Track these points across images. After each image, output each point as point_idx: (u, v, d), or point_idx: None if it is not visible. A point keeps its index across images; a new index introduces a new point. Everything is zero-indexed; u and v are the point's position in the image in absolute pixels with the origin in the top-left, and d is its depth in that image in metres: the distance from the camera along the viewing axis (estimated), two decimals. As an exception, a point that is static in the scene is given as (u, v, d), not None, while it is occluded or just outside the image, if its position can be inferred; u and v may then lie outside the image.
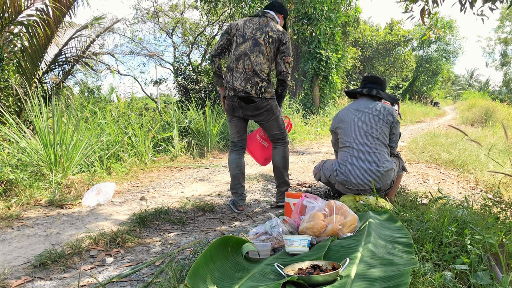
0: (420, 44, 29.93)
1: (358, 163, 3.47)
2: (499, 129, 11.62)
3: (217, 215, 3.79)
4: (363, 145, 3.49)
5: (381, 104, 3.64)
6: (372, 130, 3.51)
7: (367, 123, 3.52)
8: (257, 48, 3.59)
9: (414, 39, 22.41)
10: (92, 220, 3.52)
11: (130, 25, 15.11)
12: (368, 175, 3.43)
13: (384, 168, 3.43)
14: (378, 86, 3.72)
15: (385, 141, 3.54)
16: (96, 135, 5.64)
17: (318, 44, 13.55)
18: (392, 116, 3.57)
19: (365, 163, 3.45)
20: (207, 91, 12.65)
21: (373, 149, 3.47)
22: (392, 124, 3.58)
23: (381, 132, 3.52)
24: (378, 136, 3.49)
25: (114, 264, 2.57)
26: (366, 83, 3.78)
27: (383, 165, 3.44)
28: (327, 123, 12.84)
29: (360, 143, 3.50)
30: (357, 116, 3.58)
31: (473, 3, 4.60)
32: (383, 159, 3.46)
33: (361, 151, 3.48)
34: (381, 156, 3.47)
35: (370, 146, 3.47)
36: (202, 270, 1.93)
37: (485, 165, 6.33)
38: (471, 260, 1.99)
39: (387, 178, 3.50)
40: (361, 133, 3.52)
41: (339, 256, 2.13)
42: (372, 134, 3.49)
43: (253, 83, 3.57)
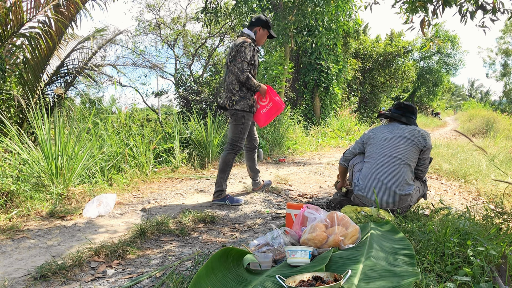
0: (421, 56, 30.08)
1: (377, 182, 3.53)
2: (500, 139, 11.61)
3: (218, 226, 3.77)
4: (387, 164, 3.54)
5: (416, 128, 3.69)
6: (399, 151, 3.55)
7: (396, 144, 3.58)
8: (227, 70, 4.47)
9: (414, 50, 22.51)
10: (93, 232, 3.51)
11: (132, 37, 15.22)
12: (385, 195, 3.47)
13: (401, 191, 3.48)
14: (414, 116, 3.80)
15: (411, 164, 3.57)
16: (98, 146, 5.65)
17: (319, 55, 13.63)
18: (425, 141, 3.62)
19: (385, 183, 3.51)
20: (208, 102, 12.69)
21: (396, 170, 3.51)
22: (424, 148, 3.63)
23: (408, 155, 3.56)
24: (403, 158, 3.53)
25: (114, 276, 2.56)
26: (406, 112, 3.80)
27: (401, 188, 3.48)
28: (328, 134, 12.85)
29: (384, 162, 3.55)
30: (388, 136, 3.65)
31: (474, 14, 4.63)
32: (403, 182, 3.50)
33: (383, 171, 3.54)
34: (402, 178, 3.50)
35: (393, 166, 3.52)
36: (203, 282, 1.92)
37: (487, 175, 6.31)
38: (474, 271, 1.98)
39: (403, 202, 3.53)
40: (387, 152, 3.58)
41: (341, 267, 2.12)
42: (398, 155, 3.54)
43: (227, 97, 4.46)
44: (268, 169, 7.10)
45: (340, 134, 13.32)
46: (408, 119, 3.74)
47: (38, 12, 5.94)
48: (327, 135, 12.80)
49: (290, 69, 11.51)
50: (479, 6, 4.57)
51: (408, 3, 4.89)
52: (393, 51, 19.34)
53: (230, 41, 15.86)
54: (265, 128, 9.58)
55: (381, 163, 3.57)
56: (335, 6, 10.51)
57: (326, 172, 6.96)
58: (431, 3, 4.74)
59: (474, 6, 4.62)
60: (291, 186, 5.66)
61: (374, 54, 19.37)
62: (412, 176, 3.61)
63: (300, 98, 14.40)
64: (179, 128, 7.47)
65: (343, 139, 12.92)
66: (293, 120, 11.43)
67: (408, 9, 4.93)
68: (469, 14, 4.67)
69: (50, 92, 7.58)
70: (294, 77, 14.41)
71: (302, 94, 14.29)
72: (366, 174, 3.64)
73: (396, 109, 3.85)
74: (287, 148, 9.81)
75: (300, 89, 14.33)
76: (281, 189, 5.35)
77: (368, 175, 3.61)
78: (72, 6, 6.26)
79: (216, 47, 15.64)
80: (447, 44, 26.51)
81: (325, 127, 13.49)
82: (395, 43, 19.86)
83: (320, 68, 13.70)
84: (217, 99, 12.59)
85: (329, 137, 12.64)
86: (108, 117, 7.12)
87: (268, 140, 9.28)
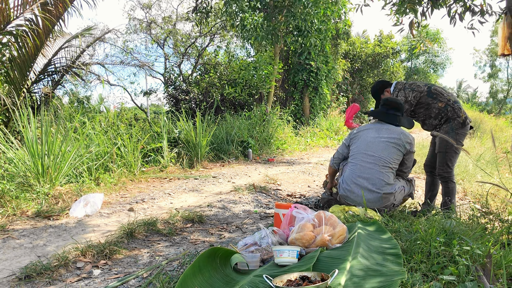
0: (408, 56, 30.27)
1: (359, 181, 3.60)
2: (486, 140, 11.74)
3: (206, 226, 3.76)
4: (370, 165, 3.60)
5: (402, 131, 3.73)
6: (382, 153, 3.60)
7: (379, 147, 3.62)
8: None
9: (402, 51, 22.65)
10: (80, 232, 3.48)
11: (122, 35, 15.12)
12: (366, 194, 3.52)
13: (382, 191, 3.54)
14: (399, 112, 3.79)
15: (393, 166, 3.62)
16: (85, 145, 5.59)
17: (308, 56, 13.66)
18: (410, 145, 3.68)
19: (366, 183, 3.57)
20: (197, 102, 12.65)
21: (377, 171, 3.56)
22: (407, 152, 3.69)
23: (391, 158, 3.60)
24: (386, 161, 3.58)
25: (101, 276, 2.54)
26: (389, 109, 3.81)
27: (382, 188, 3.54)
28: (317, 134, 12.89)
29: (368, 162, 3.61)
30: (374, 137, 3.69)
31: (462, 16, 4.67)
32: (383, 184, 3.55)
33: (363, 174, 3.60)
34: (382, 181, 3.55)
35: (375, 168, 3.57)
36: (190, 282, 1.91)
37: (473, 175, 6.37)
38: (459, 270, 2.00)
39: (385, 201, 3.59)
40: (369, 153, 3.63)
41: (328, 267, 2.12)
42: (381, 158, 3.59)
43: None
44: (257, 168, 7.10)
45: (329, 134, 13.37)
46: (393, 116, 3.75)
47: (25, 10, 5.86)
48: (316, 135, 12.84)
49: (280, 69, 11.53)
50: (467, 8, 4.61)
51: (397, 5, 4.93)
52: (382, 52, 19.45)
53: (220, 41, 15.83)
54: (254, 127, 9.57)
55: (363, 165, 3.64)
56: (324, 8, 10.54)
57: (314, 172, 6.98)
58: (420, 5, 4.77)
59: (463, 8, 4.66)
60: (280, 186, 5.66)
61: (363, 55, 19.46)
62: (394, 177, 3.66)
63: (289, 98, 14.42)
64: (167, 127, 7.43)
65: (332, 139, 12.97)
66: (283, 120, 11.44)
67: (398, 11, 4.97)
68: (458, 16, 4.71)
69: (37, 91, 7.50)
70: (284, 77, 14.43)
71: (291, 94, 14.31)
72: (347, 175, 3.73)
73: (382, 105, 3.88)
74: (276, 148, 9.82)
75: (290, 89, 14.35)
76: (270, 189, 5.35)
77: (349, 177, 3.69)
78: (60, 5, 6.20)
79: (206, 46, 15.58)
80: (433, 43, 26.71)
81: (314, 127, 13.53)
82: (384, 44, 19.97)
83: (310, 69, 13.73)
84: (207, 98, 12.55)
85: (318, 137, 12.68)
86: (96, 116, 7.05)
87: (258, 140, 9.28)
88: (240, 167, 7.28)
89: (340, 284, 1.87)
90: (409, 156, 3.74)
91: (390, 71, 20.09)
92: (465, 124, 3.81)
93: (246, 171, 6.72)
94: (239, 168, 7.08)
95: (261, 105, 10.80)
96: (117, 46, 13.74)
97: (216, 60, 14.76)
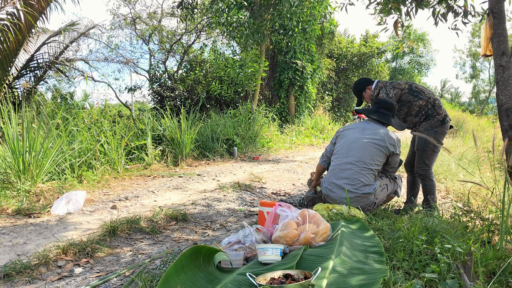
0: (393, 56, 30.53)
1: (339, 181, 3.64)
2: (469, 139, 11.90)
3: (190, 224, 3.74)
4: (350, 166, 3.63)
5: (388, 132, 3.74)
6: (365, 154, 3.62)
7: (363, 148, 3.64)
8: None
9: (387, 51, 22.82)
10: (61, 230, 3.43)
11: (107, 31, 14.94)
12: (345, 194, 3.55)
13: (360, 191, 3.57)
14: (390, 112, 3.81)
15: (374, 167, 3.64)
16: (68, 142, 5.52)
17: (294, 55, 13.69)
18: (394, 147, 3.70)
19: (345, 183, 3.60)
20: (182, 99, 12.59)
21: (356, 172, 3.59)
22: (391, 153, 3.72)
23: (374, 160, 3.63)
24: (367, 163, 3.60)
25: (82, 274, 2.51)
26: (380, 108, 3.82)
27: (360, 189, 3.57)
28: (302, 132, 12.93)
29: (348, 163, 3.64)
30: (357, 137, 3.71)
31: (445, 17, 4.72)
32: (361, 184, 3.57)
33: (345, 171, 3.64)
34: (362, 180, 3.58)
35: (355, 169, 3.60)
36: (172, 280, 1.89)
37: (456, 174, 6.45)
38: (441, 268, 2.02)
39: (364, 201, 3.62)
40: (351, 154, 3.66)
41: (312, 265, 2.13)
42: (362, 159, 3.61)
43: None
44: (242, 166, 7.09)
45: (314, 132, 13.43)
46: (383, 115, 3.77)
47: (7, 4, 5.76)
48: (302, 133, 12.88)
49: (266, 67, 11.52)
50: (450, 9, 4.66)
51: (382, 4, 4.95)
52: (368, 52, 19.58)
53: (206, 38, 15.76)
54: (239, 125, 9.56)
55: (342, 166, 3.67)
56: (310, 7, 10.56)
57: (299, 170, 7.00)
58: (405, 4, 4.80)
59: (446, 9, 4.70)
60: (265, 184, 5.66)
61: (348, 55, 19.56)
62: (374, 177, 3.68)
63: (275, 97, 14.43)
64: (152, 124, 7.37)
65: (317, 137, 13.02)
66: (268, 118, 11.45)
67: (382, 10, 4.99)
68: (441, 16, 4.75)
69: (19, 87, 7.37)
70: (270, 75, 14.43)
71: (277, 93, 14.32)
72: (328, 175, 3.79)
73: (374, 104, 3.90)
74: (261, 146, 9.82)
75: (276, 88, 14.37)
76: (255, 187, 5.35)
77: (330, 176, 3.75)
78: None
79: (191, 43, 15.50)
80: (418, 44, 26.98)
81: (300, 125, 13.57)
82: (369, 44, 20.10)
83: (295, 67, 13.76)
84: (192, 96, 12.49)
85: (303, 135, 12.72)
86: (79, 112, 6.96)
87: (243, 138, 9.27)
88: (225, 165, 7.26)
89: (323, 281, 1.87)
90: (394, 157, 3.77)
91: (375, 70, 20.23)
92: (444, 122, 3.85)
93: (231, 169, 6.71)
94: (224, 166, 7.06)
95: (247, 103, 10.79)
96: (101, 42, 13.59)
97: (202, 58, 14.69)
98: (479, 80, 39.97)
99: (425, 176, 3.89)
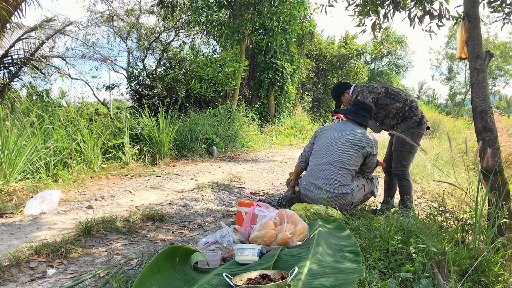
0: (372, 58, 30.92)
1: (317, 181, 3.66)
2: (444, 140, 12.13)
3: (167, 224, 3.71)
4: (328, 166, 3.65)
5: (365, 133, 3.78)
6: (342, 155, 3.65)
7: (340, 148, 3.67)
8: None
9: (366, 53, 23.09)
10: (35, 230, 3.35)
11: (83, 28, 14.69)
12: (323, 194, 3.58)
13: (338, 191, 3.60)
14: (368, 114, 3.85)
15: (352, 168, 3.67)
16: (43, 140, 5.40)
17: (274, 55, 13.71)
18: (371, 148, 3.73)
19: (322, 183, 3.63)
20: (161, 98, 12.48)
21: (334, 172, 3.62)
22: (369, 154, 3.75)
23: (351, 160, 3.66)
24: (345, 163, 3.64)
25: (55, 275, 2.45)
26: (359, 109, 3.85)
27: (338, 189, 3.60)
28: (282, 132, 12.97)
29: (326, 163, 3.67)
30: (335, 138, 3.74)
31: (422, 19, 4.79)
32: (339, 184, 3.60)
33: (323, 171, 3.66)
34: (339, 180, 3.61)
35: (333, 169, 3.63)
36: (148, 281, 1.87)
37: (432, 175, 6.56)
38: (415, 268, 2.04)
39: (342, 201, 3.65)
40: (329, 154, 3.68)
41: (289, 265, 2.13)
42: (340, 160, 3.64)
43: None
44: (221, 166, 7.07)
45: (293, 132, 13.48)
46: (361, 117, 3.81)
47: (-21, -2, 5.61)
48: (281, 133, 12.92)
49: (246, 67, 11.51)
50: (426, 12, 4.73)
51: (360, 6, 5.00)
52: (347, 53, 19.75)
53: (186, 36, 15.65)
54: (219, 125, 9.53)
55: (320, 166, 3.70)
56: (290, 8, 10.60)
57: (279, 170, 7.01)
58: (382, 7, 4.86)
59: (422, 11, 4.78)
60: (244, 184, 5.65)
61: (328, 56, 19.69)
62: (351, 178, 3.72)
63: (255, 96, 14.44)
64: (129, 123, 7.27)
65: (297, 137, 13.08)
66: (248, 118, 11.44)
67: (361, 12, 5.04)
68: (418, 19, 4.83)
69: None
70: (250, 75, 14.43)
71: (257, 93, 14.33)
72: (307, 175, 3.81)
73: (353, 105, 3.94)
74: (241, 146, 9.81)
75: (256, 87, 14.37)
76: (233, 187, 5.33)
77: (308, 176, 3.77)
78: (17, -7, 5.96)
79: (170, 41, 15.37)
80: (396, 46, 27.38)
81: (279, 125, 13.61)
82: (349, 45, 20.29)
83: (275, 67, 13.79)
84: (171, 94, 12.39)
85: (283, 135, 12.76)
86: (55, 110, 6.82)
87: (222, 138, 9.24)
88: (204, 164, 7.22)
89: (300, 281, 1.87)
90: (371, 158, 3.81)
91: (353, 72, 20.43)
92: (421, 123, 3.91)
93: (210, 169, 6.68)
94: (203, 166, 7.03)
95: (227, 103, 10.76)
96: (78, 39, 13.36)
97: (181, 56, 14.59)
98: (456, 82, 40.80)
99: (401, 176, 3.95)
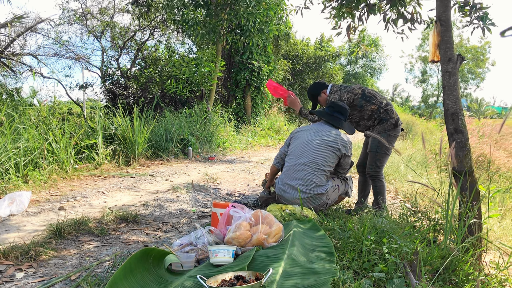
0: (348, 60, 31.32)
1: (292, 182, 3.69)
2: (418, 142, 12.36)
3: (141, 226, 3.65)
4: (303, 166, 3.68)
5: (340, 134, 3.82)
6: (317, 156, 3.68)
7: (315, 149, 3.70)
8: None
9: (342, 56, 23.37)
10: (3, 232, 3.26)
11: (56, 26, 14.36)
12: (298, 195, 3.61)
13: (313, 192, 3.63)
14: (343, 116, 3.88)
15: (326, 168, 3.71)
16: (13, 140, 5.25)
17: (251, 55, 13.72)
18: (345, 149, 3.77)
19: (298, 184, 3.65)
20: (135, 97, 12.32)
21: (309, 173, 3.65)
22: (343, 155, 3.79)
23: (326, 160, 3.70)
24: (320, 164, 3.67)
25: (24, 279, 2.39)
26: (334, 111, 3.88)
27: (313, 189, 3.64)
28: (258, 133, 12.98)
29: (301, 163, 3.69)
30: (311, 139, 3.76)
31: (395, 22, 4.87)
32: (314, 185, 3.64)
33: (299, 172, 3.69)
34: (315, 181, 3.64)
35: (308, 170, 3.66)
36: (120, 284, 1.83)
37: (405, 176, 6.67)
38: (388, 267, 2.07)
39: (317, 201, 3.68)
40: (305, 155, 3.71)
41: (263, 266, 2.12)
42: (315, 160, 3.67)
43: None
44: (197, 167, 7.02)
45: (270, 133, 13.51)
46: (336, 119, 3.85)
47: None
48: (258, 134, 12.93)
49: (222, 67, 11.47)
50: (400, 15, 4.81)
51: (336, 8, 5.04)
52: (323, 55, 19.92)
53: (161, 35, 15.49)
54: (195, 125, 9.46)
55: (296, 167, 3.72)
56: (267, 8, 10.62)
57: (255, 170, 7.01)
58: (358, 10, 4.92)
59: (396, 15, 4.85)
60: (219, 185, 5.63)
61: (304, 57, 19.83)
62: (326, 178, 3.76)
63: (231, 97, 14.41)
64: (103, 123, 7.15)
65: (273, 138, 13.12)
66: (224, 119, 11.40)
67: (336, 15, 5.08)
68: (392, 22, 4.90)
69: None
70: (226, 75, 14.39)
71: (233, 93, 14.30)
72: (282, 176, 3.84)
73: (328, 107, 3.97)
74: (217, 147, 9.77)
75: (232, 88, 14.34)
76: (209, 188, 5.30)
77: (283, 177, 3.79)
78: (-14, -12, 5.78)
79: (145, 40, 15.19)
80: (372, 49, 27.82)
81: (256, 126, 13.61)
82: (324, 48, 20.48)
83: (252, 68, 13.79)
84: (146, 94, 12.24)
85: (259, 136, 12.77)
86: (26, 109, 6.65)
87: (198, 138, 9.18)
88: (179, 165, 7.16)
89: (274, 282, 1.87)
90: (345, 159, 3.85)
91: (329, 73, 20.62)
92: (397, 125, 3.97)
93: (186, 170, 6.62)
94: (178, 167, 6.96)
95: (203, 103, 10.70)
96: (50, 38, 13.04)
97: (156, 55, 14.44)
98: (428, 85, 41.66)
99: (375, 177, 4.00)
